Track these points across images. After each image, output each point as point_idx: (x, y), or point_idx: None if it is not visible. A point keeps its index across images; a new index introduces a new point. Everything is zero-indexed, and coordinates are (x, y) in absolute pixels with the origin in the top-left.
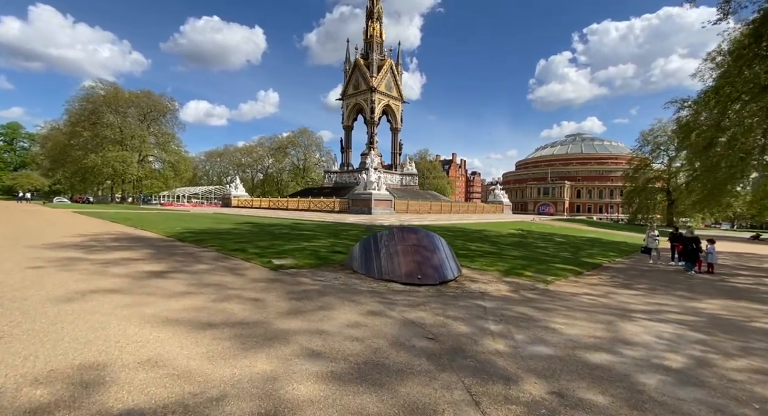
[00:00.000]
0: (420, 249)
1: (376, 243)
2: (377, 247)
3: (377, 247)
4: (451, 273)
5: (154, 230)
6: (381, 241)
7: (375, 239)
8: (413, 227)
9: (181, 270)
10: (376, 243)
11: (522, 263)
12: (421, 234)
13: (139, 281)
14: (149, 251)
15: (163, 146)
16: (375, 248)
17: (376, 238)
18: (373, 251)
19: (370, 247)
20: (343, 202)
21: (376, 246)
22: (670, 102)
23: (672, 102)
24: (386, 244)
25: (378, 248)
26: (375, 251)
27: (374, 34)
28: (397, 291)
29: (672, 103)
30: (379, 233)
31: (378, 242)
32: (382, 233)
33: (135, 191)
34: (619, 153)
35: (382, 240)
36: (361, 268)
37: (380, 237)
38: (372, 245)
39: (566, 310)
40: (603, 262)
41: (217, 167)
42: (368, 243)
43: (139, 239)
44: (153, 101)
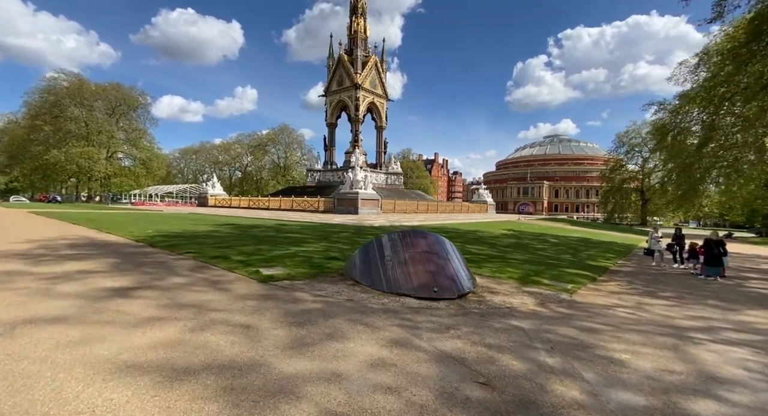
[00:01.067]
0: (432, 257)
1: (380, 250)
2: (382, 254)
3: (382, 254)
4: (468, 284)
5: (120, 234)
6: (386, 247)
7: (379, 244)
8: (420, 230)
9: (150, 286)
10: (380, 250)
11: (532, 269)
12: (431, 239)
13: (94, 303)
14: (112, 261)
15: (134, 142)
16: (380, 255)
17: (380, 243)
18: (378, 258)
19: (373, 254)
20: (328, 201)
21: (381, 253)
22: (647, 104)
23: (649, 104)
24: (393, 250)
25: (383, 255)
26: (380, 258)
27: (359, 29)
28: (413, 309)
29: (649, 105)
30: (382, 238)
31: (382, 249)
32: (385, 238)
33: (103, 190)
34: (595, 154)
35: (387, 246)
36: (364, 278)
37: (384, 242)
38: (376, 251)
39: (614, 330)
40: (608, 265)
41: (192, 165)
42: (371, 250)
43: (101, 244)
44: (122, 95)
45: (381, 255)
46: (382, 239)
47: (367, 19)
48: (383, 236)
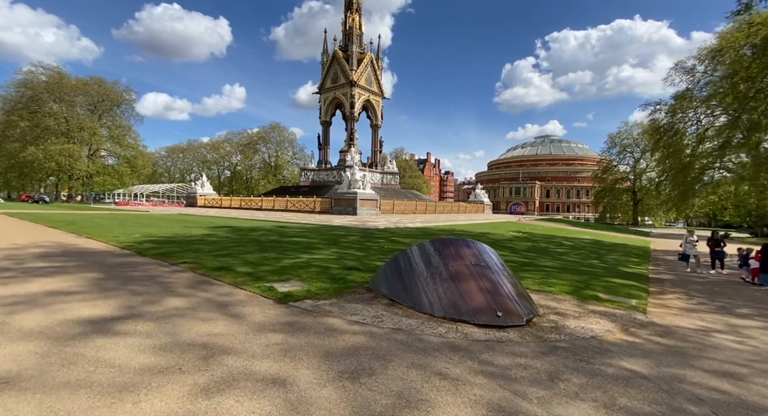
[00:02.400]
0: (484, 270)
1: (417, 261)
2: (421, 267)
3: (421, 267)
4: (531, 305)
5: (103, 239)
6: (424, 258)
7: (415, 255)
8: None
9: (141, 313)
10: (417, 261)
11: (575, 280)
12: (476, 248)
13: (64, 346)
14: (92, 276)
15: (118, 140)
16: (418, 268)
17: (417, 254)
18: (417, 273)
19: (410, 267)
20: (324, 201)
21: (419, 266)
22: (644, 104)
23: (646, 104)
24: (433, 263)
25: (423, 268)
26: (419, 273)
27: (353, 25)
28: (484, 343)
29: (646, 105)
30: (418, 247)
31: (420, 260)
32: (420, 247)
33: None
34: (585, 155)
35: (424, 257)
36: (401, 296)
37: (421, 253)
38: (413, 264)
39: (755, 373)
40: (642, 271)
41: (179, 164)
42: (405, 262)
43: (80, 253)
44: (105, 90)
45: (420, 269)
46: (417, 249)
47: (362, 15)
48: (417, 245)
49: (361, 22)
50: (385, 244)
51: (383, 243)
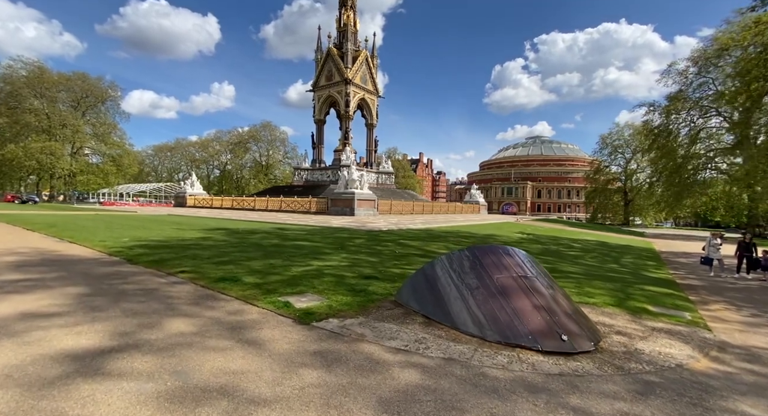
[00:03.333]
0: (533, 284)
1: (455, 274)
2: (459, 280)
3: (459, 280)
4: (591, 323)
5: (89, 244)
6: (460, 269)
7: (449, 265)
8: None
9: (137, 343)
10: (455, 274)
11: (610, 288)
12: (518, 257)
13: (38, 398)
14: (76, 292)
15: (102, 138)
16: (457, 282)
17: (451, 263)
18: (452, 286)
19: (446, 280)
20: (320, 202)
21: (457, 279)
22: (638, 105)
23: (640, 105)
24: (475, 275)
25: (460, 281)
26: (456, 286)
27: (348, 22)
28: (562, 379)
29: (640, 106)
30: (449, 257)
31: (455, 272)
32: (454, 257)
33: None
34: (575, 155)
35: (461, 268)
36: (437, 314)
37: (455, 263)
38: (447, 276)
39: None
40: (668, 277)
41: (167, 163)
42: (437, 273)
43: (63, 261)
44: (89, 86)
45: (456, 282)
46: (449, 259)
47: (357, 12)
48: (448, 255)
49: (356, 20)
50: (395, 248)
51: (392, 247)
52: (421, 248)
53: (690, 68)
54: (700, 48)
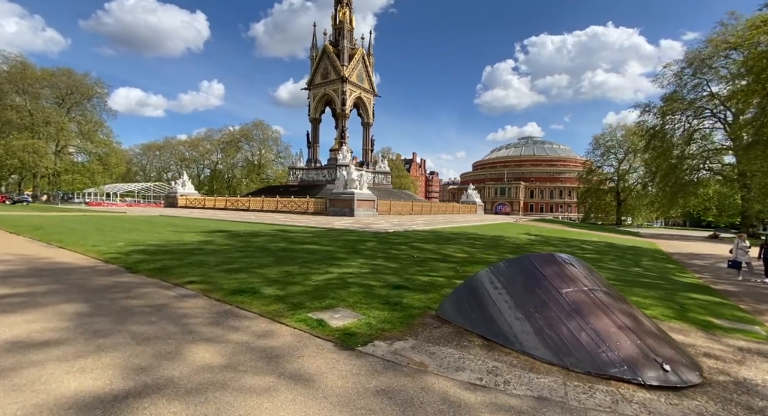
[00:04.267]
0: (608, 297)
1: (512, 287)
2: (519, 296)
3: (519, 296)
4: (678, 345)
5: (80, 249)
6: (518, 282)
7: (501, 277)
8: (550, 253)
9: (157, 382)
10: (512, 287)
11: (656, 297)
12: (580, 266)
13: None
14: (73, 311)
15: (88, 136)
16: (515, 297)
17: (504, 276)
18: (509, 301)
19: (499, 294)
20: (318, 202)
21: (516, 293)
22: (634, 106)
23: (636, 106)
24: (539, 289)
25: (521, 297)
26: (514, 302)
27: (344, 20)
28: None
29: (636, 107)
30: (499, 268)
31: (512, 285)
32: (506, 267)
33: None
34: (567, 156)
35: (517, 281)
36: (499, 335)
37: (509, 274)
38: (502, 289)
39: None
40: (700, 282)
41: (156, 162)
42: (489, 286)
43: (52, 270)
44: (74, 82)
45: (518, 298)
46: (500, 271)
47: (352, 10)
48: (497, 266)
49: (351, 17)
50: (411, 252)
51: (408, 251)
52: (437, 252)
53: (685, 69)
54: (695, 49)
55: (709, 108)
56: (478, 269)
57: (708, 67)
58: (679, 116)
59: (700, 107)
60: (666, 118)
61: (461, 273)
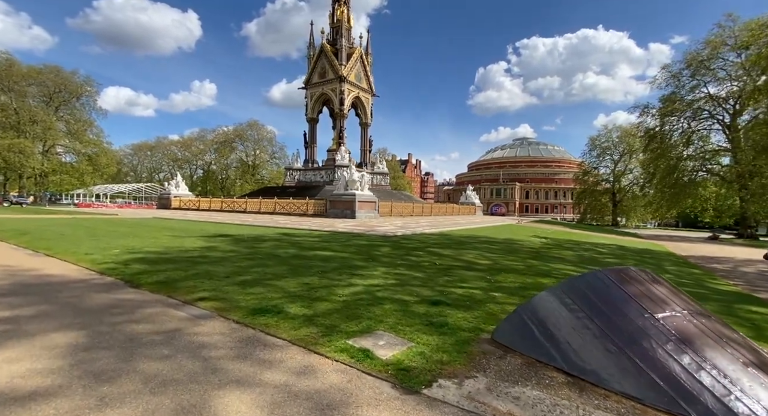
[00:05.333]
0: (712, 322)
1: (589, 309)
2: (601, 320)
3: (601, 320)
4: None
5: (72, 257)
6: (595, 305)
7: (576, 297)
8: (628, 267)
9: None
10: (589, 309)
11: (712, 309)
12: (665, 283)
13: None
14: (67, 343)
15: (77, 135)
16: (594, 321)
17: (578, 295)
18: (591, 328)
19: (573, 319)
20: (318, 203)
21: (597, 318)
22: (633, 107)
23: (635, 107)
24: (626, 312)
25: (603, 322)
26: (598, 329)
27: (342, 18)
28: None
29: (635, 108)
30: (570, 286)
31: (591, 307)
32: (575, 286)
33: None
34: (561, 157)
35: (592, 301)
36: (581, 368)
37: (581, 294)
38: (579, 312)
39: None
40: (738, 289)
41: (147, 163)
42: (560, 308)
43: (40, 286)
44: (62, 80)
45: (607, 324)
46: (573, 290)
47: (350, 8)
48: (569, 285)
49: (349, 16)
50: (430, 258)
51: (426, 257)
52: (458, 259)
53: (683, 71)
54: (693, 51)
55: (707, 109)
56: (510, 279)
57: (706, 68)
58: (678, 116)
59: (698, 109)
60: (665, 119)
61: (494, 284)
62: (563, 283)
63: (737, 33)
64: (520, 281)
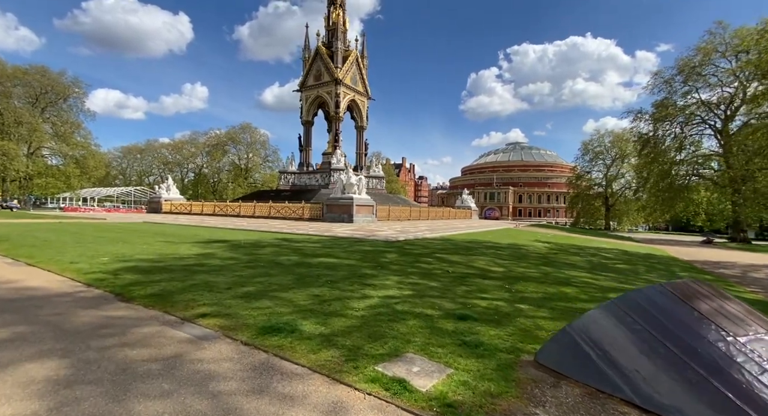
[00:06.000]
0: None
1: (655, 329)
2: (672, 342)
3: (672, 342)
4: None
5: (56, 267)
6: (662, 324)
7: (638, 316)
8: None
9: None
10: (655, 329)
11: None
12: (730, 297)
13: None
14: (45, 376)
15: (64, 138)
16: (665, 345)
17: (640, 314)
18: (671, 355)
19: (657, 343)
20: (314, 207)
21: (669, 340)
22: (626, 112)
23: (628, 112)
24: (702, 333)
25: (689, 348)
26: (680, 357)
27: (338, 21)
28: None
29: (628, 113)
30: (627, 302)
31: (657, 327)
32: (634, 302)
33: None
34: (554, 161)
35: (659, 320)
36: (657, 404)
37: (642, 311)
38: (658, 337)
39: None
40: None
41: (137, 166)
42: (635, 330)
43: (18, 302)
44: (49, 81)
45: (683, 349)
46: (632, 306)
47: (346, 11)
48: (626, 301)
49: (345, 19)
50: (441, 265)
51: (436, 264)
52: (469, 266)
53: (676, 77)
54: (685, 57)
55: (699, 114)
56: (532, 289)
57: (698, 74)
58: (671, 121)
59: (691, 114)
60: (658, 124)
61: (516, 294)
62: (619, 299)
63: (728, 40)
64: (543, 291)
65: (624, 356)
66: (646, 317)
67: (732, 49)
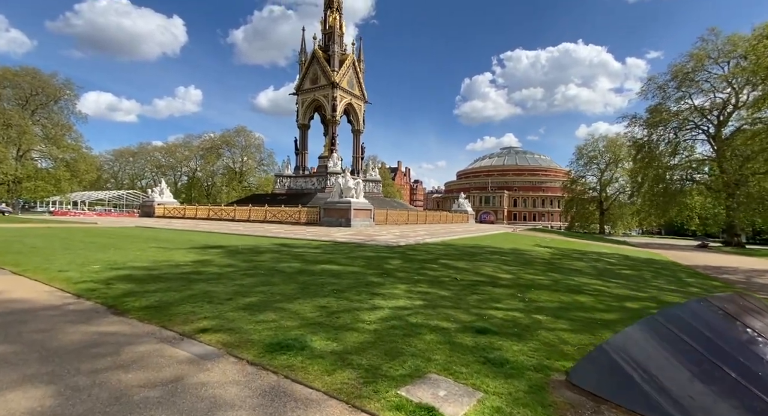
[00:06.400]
0: None
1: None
2: (746, 369)
3: (746, 369)
4: None
5: (43, 276)
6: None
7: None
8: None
9: None
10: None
11: None
12: None
13: None
14: (25, 409)
15: (55, 140)
16: (735, 370)
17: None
18: (727, 380)
19: (709, 365)
20: (311, 212)
21: (739, 366)
22: (621, 117)
23: (623, 117)
24: (765, 355)
25: (748, 371)
26: (738, 381)
27: (335, 25)
28: None
29: (623, 117)
30: (672, 318)
31: (722, 350)
32: (680, 319)
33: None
34: (548, 166)
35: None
36: None
37: (688, 329)
38: (711, 358)
39: None
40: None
41: (129, 169)
42: (683, 350)
43: (2, 316)
44: (40, 83)
45: (743, 372)
46: (683, 324)
47: (342, 15)
48: (671, 316)
49: (342, 22)
50: (448, 272)
51: (442, 271)
52: (477, 272)
53: (669, 82)
54: (678, 63)
55: (692, 120)
56: (545, 297)
57: (691, 80)
58: (665, 126)
59: (684, 119)
60: (652, 129)
61: (531, 304)
62: (661, 315)
63: (720, 46)
64: (557, 300)
65: (673, 379)
66: (695, 335)
67: (725, 56)
